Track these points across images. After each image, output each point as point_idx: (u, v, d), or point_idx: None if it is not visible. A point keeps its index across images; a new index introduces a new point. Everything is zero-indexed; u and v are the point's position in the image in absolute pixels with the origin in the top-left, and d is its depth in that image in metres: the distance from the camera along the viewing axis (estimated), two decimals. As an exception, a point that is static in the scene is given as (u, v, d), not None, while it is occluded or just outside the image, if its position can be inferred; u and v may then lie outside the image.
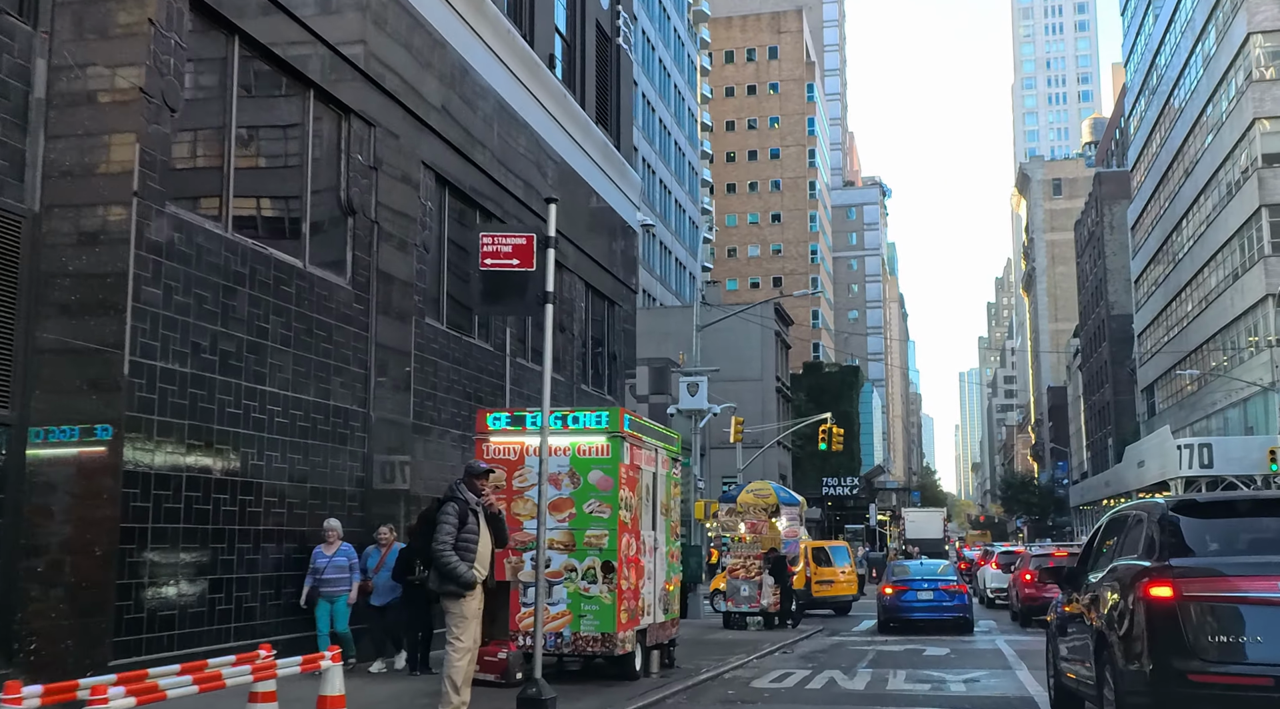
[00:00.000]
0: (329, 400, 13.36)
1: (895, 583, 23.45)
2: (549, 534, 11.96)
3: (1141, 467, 49.20)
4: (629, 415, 12.60)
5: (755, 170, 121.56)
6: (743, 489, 23.47)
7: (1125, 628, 7.21)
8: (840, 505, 77.87)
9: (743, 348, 60.34)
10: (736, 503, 23.00)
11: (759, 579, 22.76)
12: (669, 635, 14.05)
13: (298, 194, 13.27)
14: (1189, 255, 56.29)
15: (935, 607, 22.89)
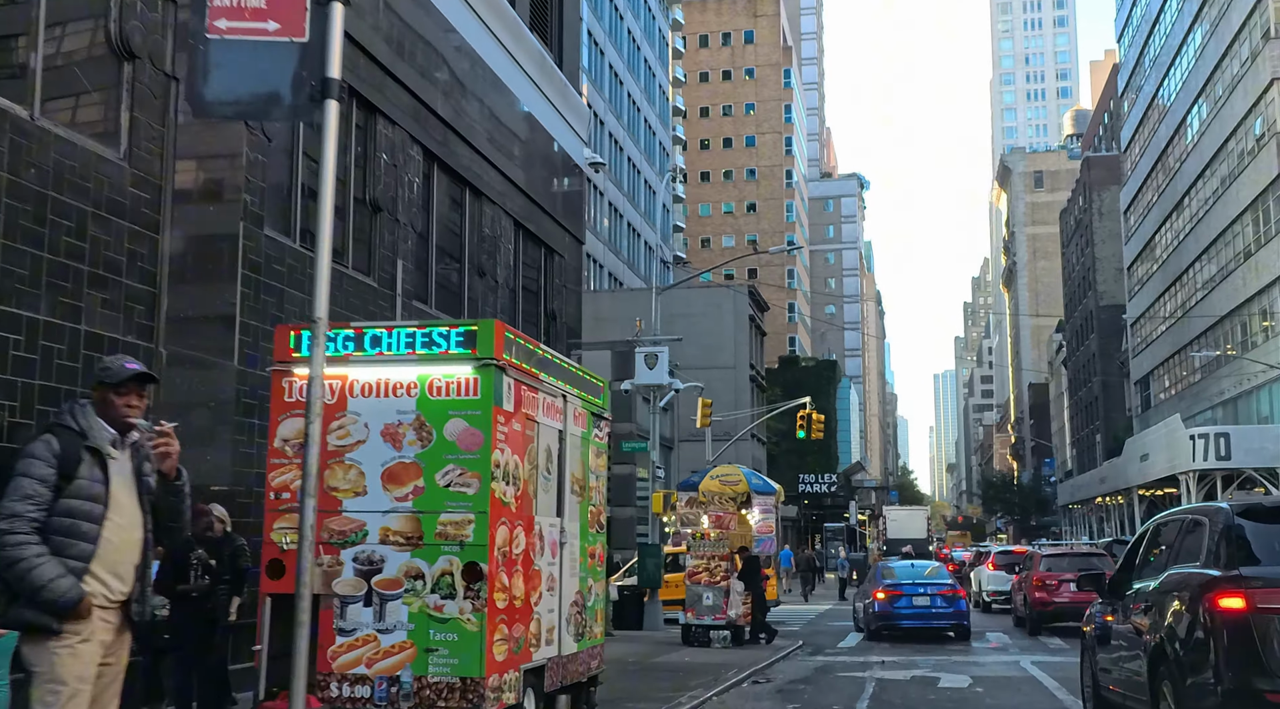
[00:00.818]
0: (79, 324, 8.96)
1: (888, 587, 21.25)
2: (382, 522, 7.63)
3: (1145, 460, 45.28)
4: (514, 334, 8.24)
5: (730, 158, 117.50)
6: (706, 474, 19.18)
7: (1190, 642, 6.77)
8: (817, 503, 73.77)
9: (714, 333, 56.15)
10: (699, 491, 18.71)
11: (725, 584, 18.49)
12: (586, 671, 9.71)
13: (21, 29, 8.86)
14: (1192, 235, 52.49)
15: (932, 614, 21.05)
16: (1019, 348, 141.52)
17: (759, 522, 18.89)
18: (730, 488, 18.71)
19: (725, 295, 57.67)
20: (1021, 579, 26.55)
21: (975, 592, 35.87)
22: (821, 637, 22.53)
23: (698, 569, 18.71)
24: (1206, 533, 7.26)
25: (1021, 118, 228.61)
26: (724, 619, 18.49)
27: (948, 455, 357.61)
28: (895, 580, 21.34)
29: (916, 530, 61.18)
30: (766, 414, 43.34)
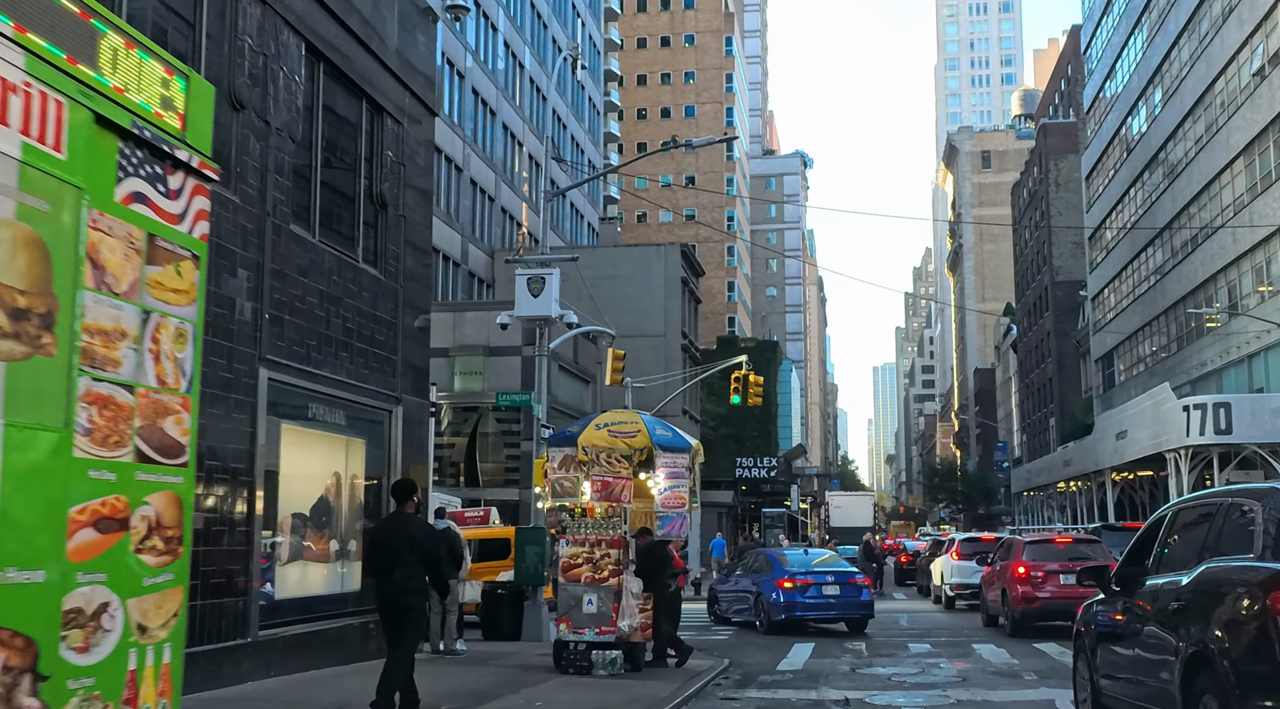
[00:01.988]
0: None
1: (797, 576, 19.80)
2: None
3: (1122, 438, 40.22)
4: None
5: (669, 128, 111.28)
6: (589, 423, 13.22)
7: (1247, 650, 5.76)
8: (755, 490, 68.26)
9: (642, 299, 50.26)
10: (577, 446, 12.74)
11: (616, 583, 12.62)
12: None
13: None
14: (1168, 193, 47.57)
15: (842, 604, 19.95)
16: (964, 333, 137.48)
17: (666, 491, 12.97)
18: (623, 442, 12.78)
19: (654, 255, 51.80)
20: (994, 571, 22.73)
21: (936, 586, 30.66)
22: (754, 652, 16.71)
23: (575, 561, 12.77)
24: (1260, 520, 6.29)
25: (966, 103, 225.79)
26: (612, 633, 12.59)
27: (887, 447, 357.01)
28: (806, 569, 20.03)
29: (862, 518, 55.91)
30: (700, 376, 37.55)
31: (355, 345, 13.71)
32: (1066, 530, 29.59)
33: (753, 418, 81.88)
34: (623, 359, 23.61)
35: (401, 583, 9.11)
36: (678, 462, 12.87)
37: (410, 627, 9.12)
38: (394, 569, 9.10)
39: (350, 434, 14.05)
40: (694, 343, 54.34)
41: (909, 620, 23.17)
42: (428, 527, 9.59)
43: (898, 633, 20.14)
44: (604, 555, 12.71)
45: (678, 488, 12.87)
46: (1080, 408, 68.62)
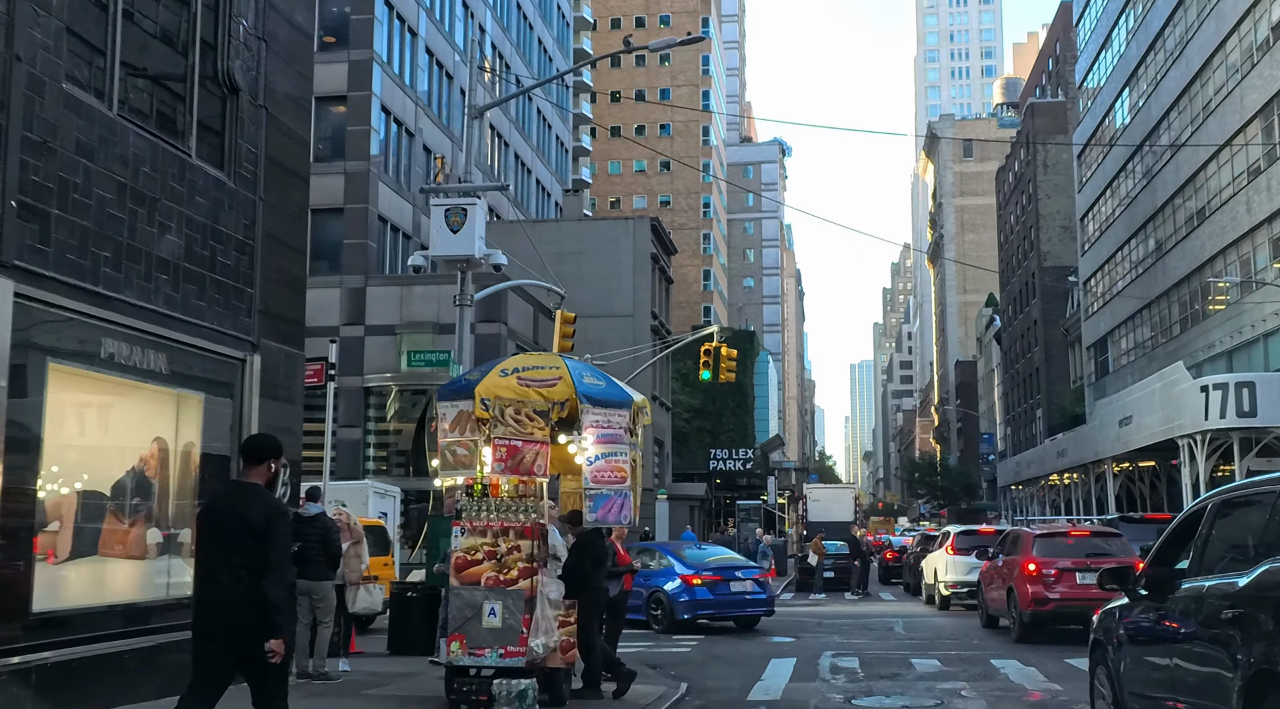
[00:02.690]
0: None
1: (705, 572, 19.04)
2: None
3: (1127, 424, 37.06)
4: None
5: (643, 112, 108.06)
6: (492, 368, 9.74)
7: None
8: (731, 483, 64.84)
9: (609, 276, 46.80)
10: (475, 398, 9.26)
11: (528, 587, 9.18)
12: None
13: None
14: (1170, 164, 44.47)
15: (751, 600, 19.49)
16: (945, 325, 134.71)
17: (598, 460, 9.50)
18: (538, 392, 9.32)
19: (622, 229, 48.32)
20: (995, 567, 20.29)
21: (929, 584, 27.51)
22: (721, 670, 13.30)
23: (473, 556, 9.32)
24: None
25: (946, 96, 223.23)
26: (522, 655, 9.15)
27: (864, 444, 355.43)
28: (719, 564, 19.43)
29: (842, 512, 52.58)
30: (668, 349, 34.08)
31: (185, 268, 10.19)
32: (1079, 522, 26.29)
33: (728, 410, 78.67)
34: (573, 323, 20.16)
35: (230, 589, 5.73)
36: (612, 420, 9.42)
37: (269, 665, 5.80)
38: (217, 570, 5.72)
39: (180, 387, 10.52)
40: (665, 324, 50.92)
41: (905, 626, 19.84)
42: (272, 503, 6.07)
43: (895, 643, 16.78)
44: (512, 549, 9.26)
45: (614, 457, 9.42)
46: (1070, 398, 65.65)
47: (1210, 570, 6.25)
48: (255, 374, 11.27)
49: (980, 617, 21.54)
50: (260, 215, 11.54)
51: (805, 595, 31.03)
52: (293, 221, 12.53)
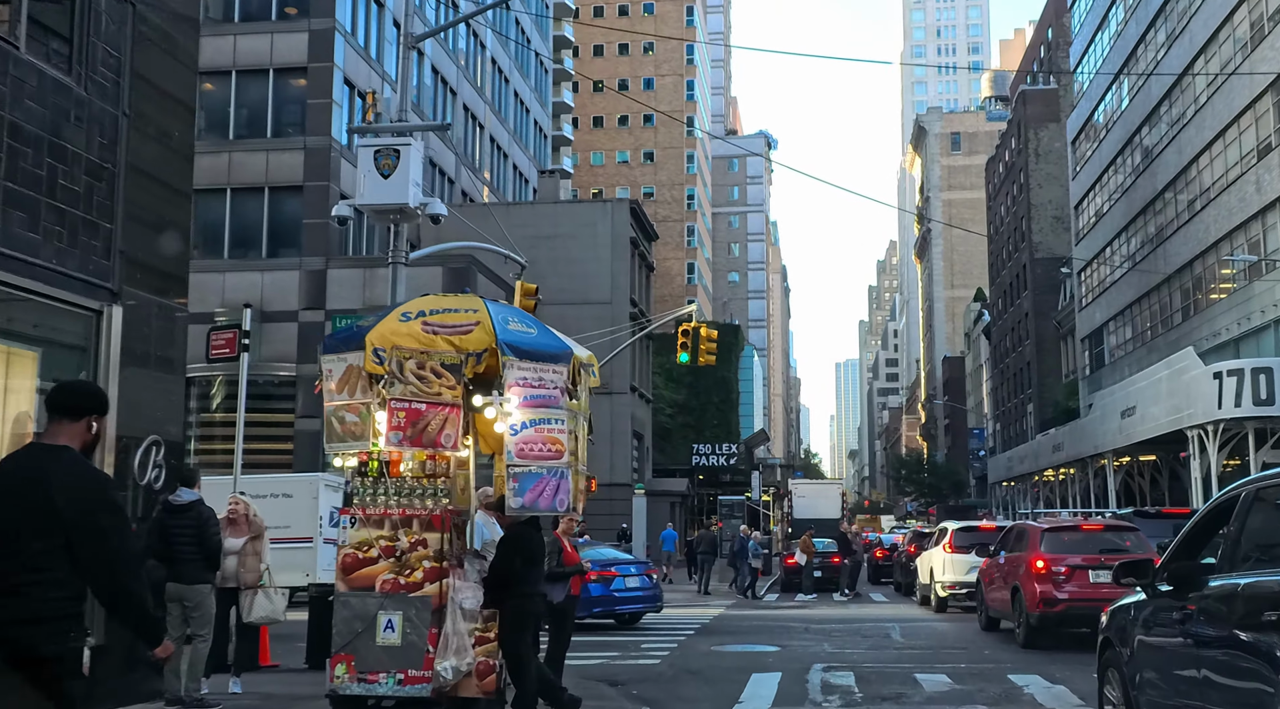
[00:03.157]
0: None
1: (598, 569, 17.88)
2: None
3: (1130, 415, 35.13)
4: None
5: (626, 102, 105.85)
6: (389, 313, 7.59)
7: None
8: (714, 479, 62.81)
9: (586, 261, 44.65)
10: (366, 348, 7.10)
11: (435, 593, 7.04)
12: None
13: None
14: (1173, 145, 42.59)
15: (643, 596, 18.98)
16: (932, 321, 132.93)
17: (524, 429, 7.34)
18: (447, 340, 7.17)
19: (599, 212, 46.15)
20: (997, 565, 18.55)
21: (924, 584, 25.57)
22: (693, 690, 11.18)
23: (365, 552, 7.19)
24: None
25: (932, 92, 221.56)
26: (426, 681, 7.02)
27: (849, 443, 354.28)
28: (606, 561, 18.91)
29: (829, 509, 50.33)
30: (644, 331, 31.73)
31: (8, 189, 8.02)
32: (1091, 516, 24.31)
33: (712, 405, 76.64)
34: (535, 294, 18.05)
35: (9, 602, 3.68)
36: (545, 378, 7.27)
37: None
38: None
39: (6, 341, 8.36)
40: (645, 312, 48.78)
41: (902, 632, 17.77)
42: (87, 473, 3.89)
43: (894, 653, 14.71)
44: (416, 543, 7.14)
45: (546, 425, 7.27)
46: (1063, 392, 63.81)
47: (1243, 567, 5.78)
48: (115, 329, 9.10)
49: (979, 619, 19.65)
50: (124, 136, 9.37)
51: (791, 596, 28.99)
52: (172, 155, 10.36)
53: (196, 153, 10.77)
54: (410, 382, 6.95)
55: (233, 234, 37.86)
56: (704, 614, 21.87)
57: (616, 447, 43.87)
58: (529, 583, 8.07)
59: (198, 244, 38.26)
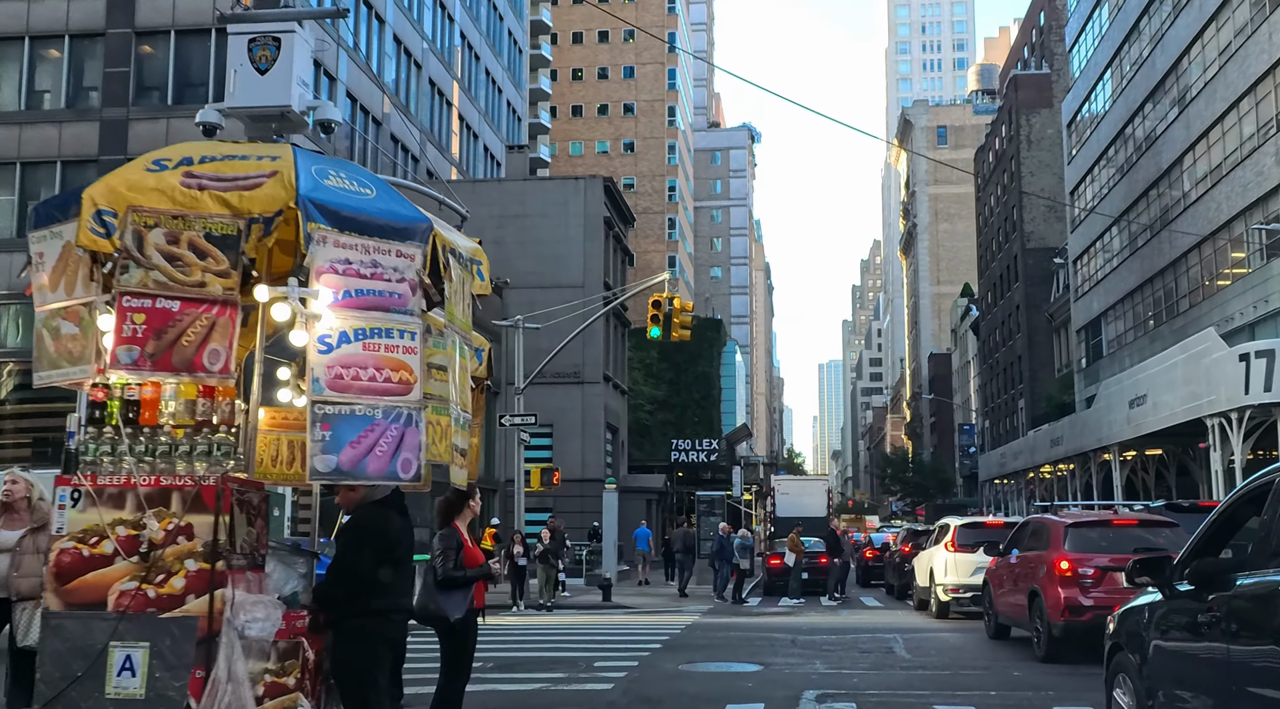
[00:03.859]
0: None
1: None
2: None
3: (1139, 405, 32.59)
4: None
5: (606, 91, 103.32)
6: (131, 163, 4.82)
7: None
8: (694, 477, 60.01)
9: (557, 242, 41.87)
10: (84, 208, 4.30)
11: (205, 614, 4.24)
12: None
13: None
14: (1181, 120, 40.13)
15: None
16: (918, 318, 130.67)
17: (345, 345, 4.57)
18: (217, 197, 4.37)
19: (571, 190, 43.34)
20: (1007, 566, 16.39)
21: (923, 587, 23.03)
22: None
23: (91, 547, 4.41)
24: None
25: (917, 88, 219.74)
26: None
27: (832, 444, 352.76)
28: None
29: (814, 507, 47.72)
30: (614, 303, 28.64)
31: None
32: (1116, 509, 21.65)
33: (693, 402, 73.90)
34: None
35: None
36: (381, 263, 4.47)
37: None
38: None
39: None
40: (620, 297, 45.99)
41: (906, 646, 15.08)
42: None
43: (902, 674, 12.01)
44: (174, 534, 4.38)
45: (384, 339, 4.48)
46: (1057, 386, 61.42)
47: (1275, 564, 5.19)
48: None
49: (987, 626, 17.12)
50: None
51: (775, 600, 26.32)
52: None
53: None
54: (155, 264, 4.21)
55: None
56: (675, 621, 19.16)
57: (588, 440, 41.11)
58: (385, 593, 5.33)
59: None
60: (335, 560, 5.27)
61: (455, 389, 4.79)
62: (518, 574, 21.07)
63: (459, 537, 7.08)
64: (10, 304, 31.76)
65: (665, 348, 73.94)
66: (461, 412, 4.87)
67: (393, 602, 5.43)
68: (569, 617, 20.68)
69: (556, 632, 17.18)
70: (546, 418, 41.02)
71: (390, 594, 5.41)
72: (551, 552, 20.51)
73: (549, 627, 18.24)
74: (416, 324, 4.45)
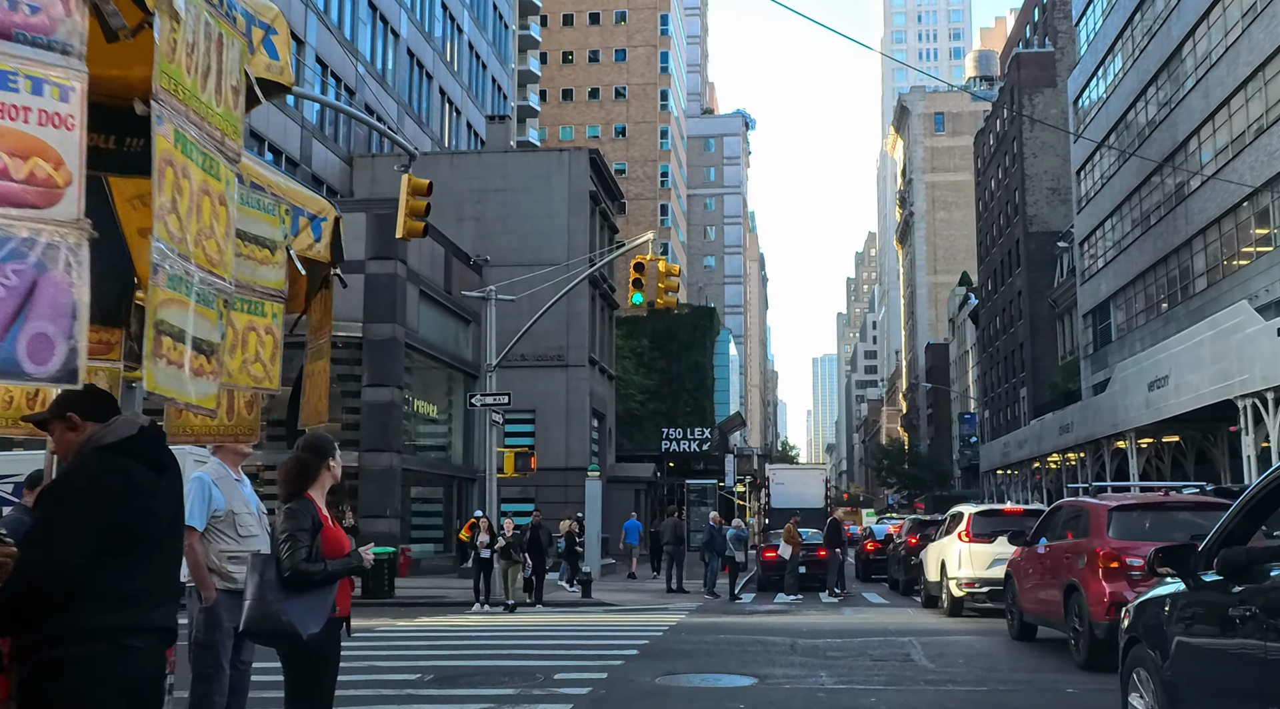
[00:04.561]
0: None
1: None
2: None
3: (1160, 387, 30.42)
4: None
5: (597, 74, 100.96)
6: None
7: None
8: (685, 467, 57.84)
9: (539, 217, 39.55)
10: None
11: None
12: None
13: None
14: (1199, 88, 37.96)
15: None
16: (914, 308, 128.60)
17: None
18: None
19: (554, 163, 41.02)
20: (1031, 557, 14.60)
21: (932, 582, 20.94)
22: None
23: None
24: None
25: (913, 78, 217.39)
26: None
27: (826, 438, 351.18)
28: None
29: (812, 497, 45.67)
30: (593, 269, 26.22)
31: None
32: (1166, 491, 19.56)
33: (685, 392, 71.60)
34: (427, 191, 12.98)
35: None
36: None
37: None
38: None
39: None
40: (607, 276, 43.77)
41: (926, 652, 12.87)
42: None
43: (930, 692, 9.76)
44: None
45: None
46: (1060, 373, 59.31)
47: None
48: None
49: (1009, 626, 15.06)
50: None
51: (770, 597, 24.13)
52: None
53: None
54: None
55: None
56: (659, 622, 16.94)
57: (573, 426, 38.86)
58: (116, 601, 3.13)
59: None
60: (22, 547, 3.06)
61: (190, 229, 2.55)
62: (483, 567, 18.85)
63: (315, 512, 4.84)
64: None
65: (657, 336, 71.71)
66: (209, 274, 2.65)
67: (131, 616, 3.20)
68: (538, 616, 18.48)
69: (519, 634, 14.97)
70: (528, 403, 38.75)
71: (130, 602, 3.19)
72: (514, 545, 18.22)
73: (512, 628, 16.03)
74: (73, 72, 2.21)
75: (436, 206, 40.94)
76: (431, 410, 35.80)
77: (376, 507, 29.43)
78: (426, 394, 34.92)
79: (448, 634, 15.17)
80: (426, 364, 34.52)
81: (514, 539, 18.00)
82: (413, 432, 34.31)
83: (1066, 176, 64.74)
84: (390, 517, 30.01)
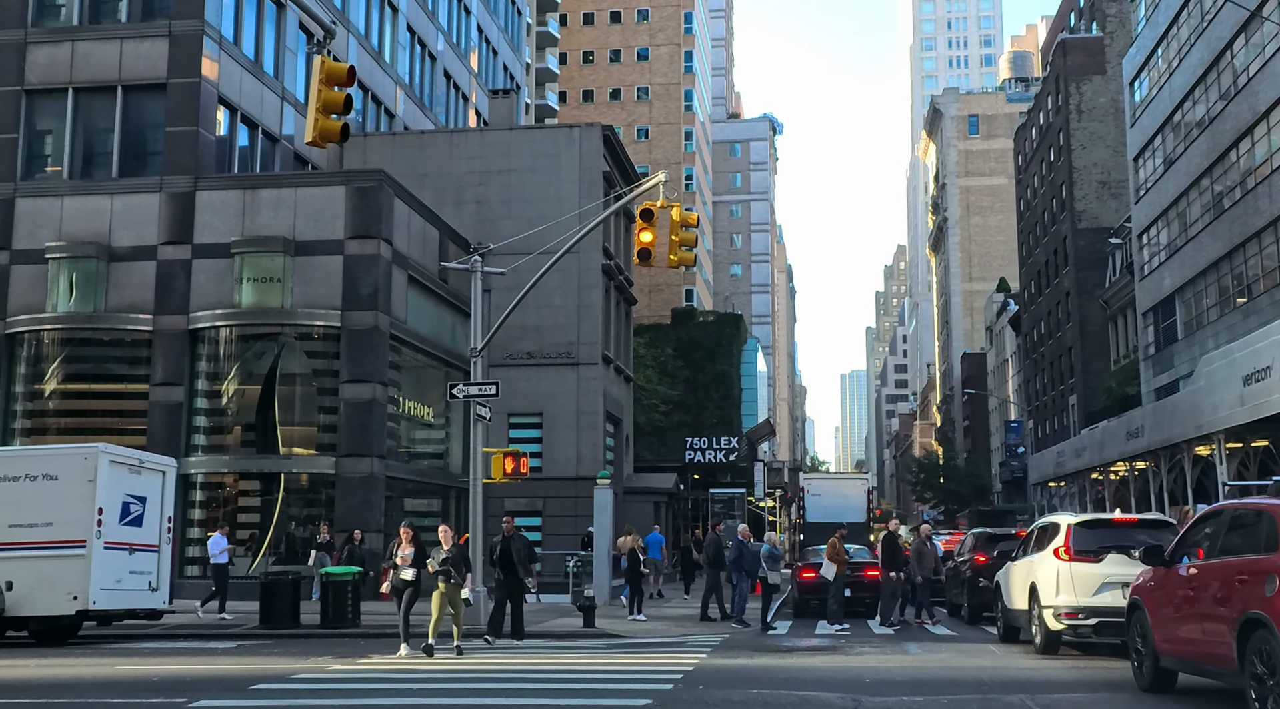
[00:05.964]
0: None
1: None
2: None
3: (1261, 380, 26.18)
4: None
5: (618, 74, 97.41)
6: None
7: None
8: (710, 479, 53.83)
9: (548, 201, 35.72)
10: None
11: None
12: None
13: None
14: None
15: None
16: (949, 317, 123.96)
17: None
18: None
19: (564, 140, 37.21)
20: (1173, 581, 10.82)
21: (1017, 611, 16.94)
22: None
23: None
24: None
25: (942, 85, 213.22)
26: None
27: (855, 454, 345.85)
28: None
29: (853, 511, 41.47)
30: (611, 210, 22.60)
31: None
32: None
33: (711, 403, 67.56)
34: (349, 78, 9.43)
35: None
36: None
37: None
38: None
39: None
40: (622, 268, 39.90)
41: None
42: None
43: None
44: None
45: None
46: (1116, 377, 54.89)
47: None
48: None
49: (1137, 673, 11.05)
50: None
51: (810, 626, 20.09)
52: None
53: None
54: None
55: (74, 146, 29.15)
56: (670, 665, 12.93)
57: (584, 431, 34.93)
58: None
59: (26, 160, 29.63)
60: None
61: None
62: (398, 592, 14.45)
63: None
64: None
65: (681, 345, 67.71)
66: None
67: None
68: (508, 657, 14.45)
69: (467, 689, 11.00)
70: (535, 405, 34.94)
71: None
72: (454, 562, 13.65)
73: (465, 677, 12.05)
74: None
75: (433, 189, 37.08)
76: (425, 413, 31.99)
77: (355, 520, 25.63)
78: (419, 394, 31.14)
79: (364, 689, 11.26)
80: (418, 360, 30.78)
81: (453, 554, 13.82)
82: (402, 436, 30.54)
83: (1118, 168, 60.48)
84: (373, 531, 26.21)
